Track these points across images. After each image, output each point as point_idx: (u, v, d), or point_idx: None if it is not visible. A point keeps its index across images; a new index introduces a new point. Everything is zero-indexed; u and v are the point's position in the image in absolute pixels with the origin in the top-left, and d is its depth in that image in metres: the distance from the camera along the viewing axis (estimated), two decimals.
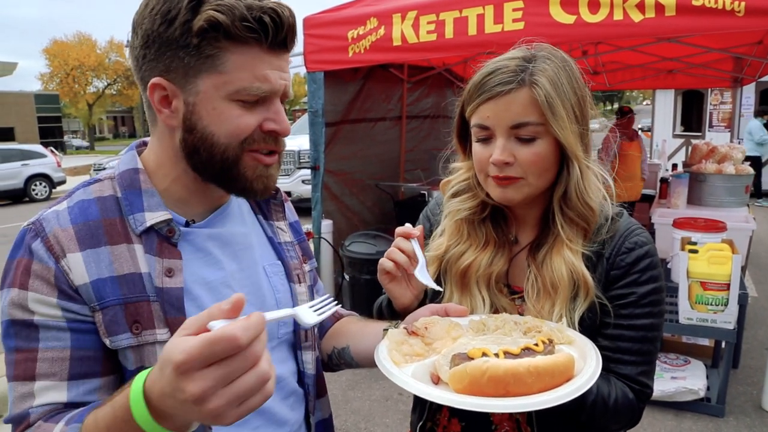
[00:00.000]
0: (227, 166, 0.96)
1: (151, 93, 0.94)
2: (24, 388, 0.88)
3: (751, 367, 4.22)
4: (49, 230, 0.93)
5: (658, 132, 15.11)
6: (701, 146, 5.87)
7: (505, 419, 1.23)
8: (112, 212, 0.97)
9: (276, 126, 0.97)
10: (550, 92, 1.09)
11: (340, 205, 5.63)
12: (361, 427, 3.65)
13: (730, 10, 2.86)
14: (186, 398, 0.65)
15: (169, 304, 0.94)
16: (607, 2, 3.13)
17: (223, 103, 0.93)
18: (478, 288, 1.23)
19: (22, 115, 33.64)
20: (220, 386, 0.65)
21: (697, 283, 3.60)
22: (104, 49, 48.56)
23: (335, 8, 4.25)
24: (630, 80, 8.28)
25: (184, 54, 0.90)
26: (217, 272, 1.03)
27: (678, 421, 3.61)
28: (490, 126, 1.13)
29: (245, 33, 0.89)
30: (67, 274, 0.90)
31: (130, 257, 0.94)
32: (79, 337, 0.91)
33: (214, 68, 0.91)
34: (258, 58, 0.92)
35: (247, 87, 0.92)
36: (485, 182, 1.20)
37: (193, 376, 0.64)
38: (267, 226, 1.18)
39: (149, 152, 1.04)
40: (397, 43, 3.84)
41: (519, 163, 1.13)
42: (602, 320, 1.15)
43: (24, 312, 0.90)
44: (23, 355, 0.89)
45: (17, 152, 17.35)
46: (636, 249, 1.16)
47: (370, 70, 5.55)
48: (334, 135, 5.30)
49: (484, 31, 3.48)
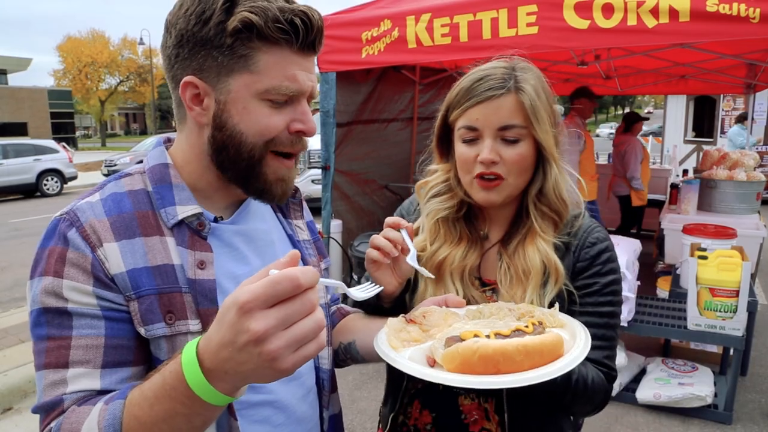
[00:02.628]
0: (251, 164, 0.99)
1: (183, 91, 0.97)
2: (56, 375, 0.88)
3: (759, 375, 4.20)
4: (84, 220, 0.94)
5: (669, 137, 15.04)
6: (712, 152, 5.85)
7: (474, 408, 1.28)
8: (144, 205, 0.99)
9: (303, 126, 1.00)
10: (534, 98, 1.21)
11: (351, 206, 5.66)
12: (368, 427, 3.67)
13: (745, 16, 2.85)
14: (248, 339, 0.67)
15: (201, 296, 0.96)
16: (621, 7, 3.13)
17: (253, 102, 0.96)
18: (452, 280, 1.31)
19: (36, 111, 33.95)
20: (281, 327, 0.67)
21: (706, 289, 3.59)
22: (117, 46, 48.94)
23: (349, 9, 4.27)
24: (642, 85, 8.26)
25: (217, 53, 0.93)
26: (244, 267, 1.05)
27: (685, 427, 3.61)
28: (479, 127, 1.23)
29: (277, 34, 0.92)
30: (104, 263, 0.92)
31: (163, 249, 0.96)
32: (113, 326, 0.91)
33: (246, 68, 0.94)
34: (288, 59, 0.95)
35: (277, 86, 0.95)
36: (469, 183, 1.29)
37: (256, 315, 0.66)
38: (286, 224, 1.21)
39: (176, 149, 1.07)
40: (411, 45, 3.86)
41: (504, 162, 1.23)
42: (569, 308, 1.23)
43: (58, 300, 0.90)
44: (56, 343, 0.89)
45: (30, 147, 17.53)
46: (598, 243, 1.28)
47: (382, 72, 5.57)
48: (345, 135, 5.33)
49: (498, 35, 3.49)
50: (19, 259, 8.74)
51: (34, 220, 12.69)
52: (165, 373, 0.76)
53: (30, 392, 4.26)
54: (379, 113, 5.89)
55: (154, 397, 0.77)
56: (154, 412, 0.77)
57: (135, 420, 0.78)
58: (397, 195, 6.23)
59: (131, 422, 0.79)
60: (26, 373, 4.51)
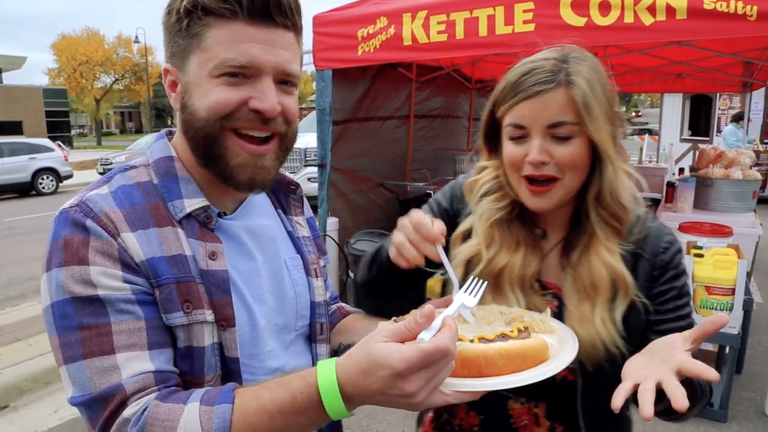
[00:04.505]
0: (208, 142, 0.97)
1: (164, 79, 1.00)
2: (103, 362, 0.86)
3: (755, 373, 4.21)
4: (98, 210, 0.92)
5: (666, 136, 15.06)
6: (709, 151, 5.85)
7: (524, 413, 1.25)
8: (153, 197, 0.99)
9: (260, 104, 0.95)
10: (586, 92, 1.10)
11: (347, 203, 5.65)
12: (364, 425, 3.67)
13: (742, 14, 2.85)
14: (400, 394, 0.78)
15: (214, 286, 0.97)
16: (618, 4, 3.13)
17: (207, 80, 0.95)
18: (512, 289, 1.22)
19: (31, 109, 33.78)
20: (426, 385, 0.79)
21: (702, 287, 3.59)
22: (112, 44, 48.68)
23: (345, 6, 4.26)
24: (639, 83, 8.26)
25: (178, 37, 0.96)
26: (249, 262, 1.06)
27: (680, 425, 3.61)
28: (526, 125, 1.13)
29: (219, 5, 0.92)
30: (127, 249, 0.91)
31: (176, 239, 0.96)
32: (147, 309, 0.91)
33: (199, 46, 0.94)
34: (239, 32, 0.93)
35: (224, 60, 0.93)
36: (518, 183, 1.19)
37: (410, 379, 0.77)
38: (287, 220, 1.20)
39: (176, 139, 1.07)
40: (407, 43, 3.85)
41: (555, 162, 1.13)
42: (647, 318, 1.17)
43: (87, 287, 0.87)
44: (92, 332, 0.87)
45: (25, 146, 17.44)
46: (671, 247, 1.20)
47: (378, 69, 5.56)
48: (341, 133, 5.32)
49: (495, 32, 3.48)
50: (14, 257, 8.71)
51: (30, 218, 12.63)
52: (294, 392, 0.82)
53: (26, 390, 4.24)
54: (376, 111, 5.87)
55: (277, 411, 0.82)
56: (273, 423, 0.83)
57: (249, 427, 0.82)
58: (393, 193, 6.22)
59: (243, 427, 0.82)
60: (22, 371, 4.50)
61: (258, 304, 1.05)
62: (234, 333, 0.98)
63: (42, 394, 4.21)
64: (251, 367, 1.02)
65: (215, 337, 0.96)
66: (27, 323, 5.65)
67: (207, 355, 0.95)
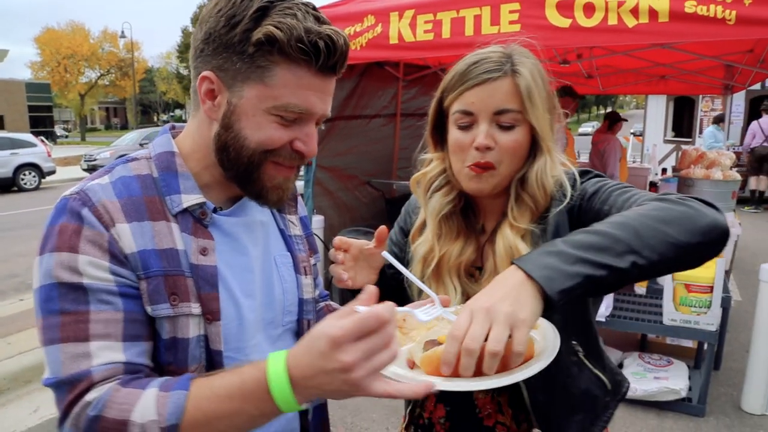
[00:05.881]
0: (250, 169, 1.01)
1: (200, 84, 1.00)
2: (77, 348, 0.89)
3: (732, 369, 4.29)
4: (96, 200, 0.95)
5: (650, 137, 15.25)
6: (691, 152, 5.97)
7: (487, 402, 1.29)
8: (151, 190, 1.01)
9: (304, 148, 1.02)
10: (530, 82, 1.17)
11: (333, 201, 5.66)
12: (348, 422, 3.69)
13: (722, 18, 2.90)
14: (337, 367, 0.76)
15: (203, 280, 0.99)
16: (602, 7, 3.17)
17: (263, 114, 0.98)
18: (450, 278, 1.28)
19: (13, 103, 33.31)
20: (364, 359, 0.77)
21: (682, 285, 3.67)
22: (98, 39, 48.19)
23: (332, 5, 4.26)
24: (623, 84, 8.37)
25: (237, 59, 0.95)
26: (241, 257, 1.08)
27: (660, 420, 3.68)
28: (474, 111, 1.20)
29: (298, 54, 0.94)
30: (118, 241, 0.94)
31: (169, 233, 0.99)
32: (128, 302, 0.93)
33: (262, 79, 0.95)
34: (305, 79, 0.97)
35: (286, 104, 0.97)
36: (459, 171, 1.24)
37: (346, 348, 0.76)
38: (279, 218, 1.23)
39: (185, 137, 1.09)
40: (394, 42, 3.86)
41: (498, 148, 1.19)
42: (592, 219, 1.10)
43: (72, 274, 0.91)
44: (71, 317, 0.90)
45: (7, 141, 17.15)
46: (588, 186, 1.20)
47: (365, 68, 5.57)
48: (328, 131, 5.32)
49: (481, 32, 3.51)
50: None
51: (10, 215, 12.46)
52: (244, 376, 0.83)
53: (5, 389, 4.21)
54: (362, 109, 5.89)
55: (226, 396, 0.84)
56: (222, 408, 0.84)
57: (199, 412, 0.84)
58: (379, 191, 6.25)
59: (196, 413, 0.84)
60: (1, 370, 4.47)
61: (247, 298, 1.07)
62: (219, 326, 1.01)
63: (21, 393, 4.17)
64: (235, 360, 1.04)
65: (201, 330, 0.99)
66: (7, 321, 5.60)
67: (191, 346, 0.98)
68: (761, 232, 9.16)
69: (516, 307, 0.86)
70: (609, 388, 1.28)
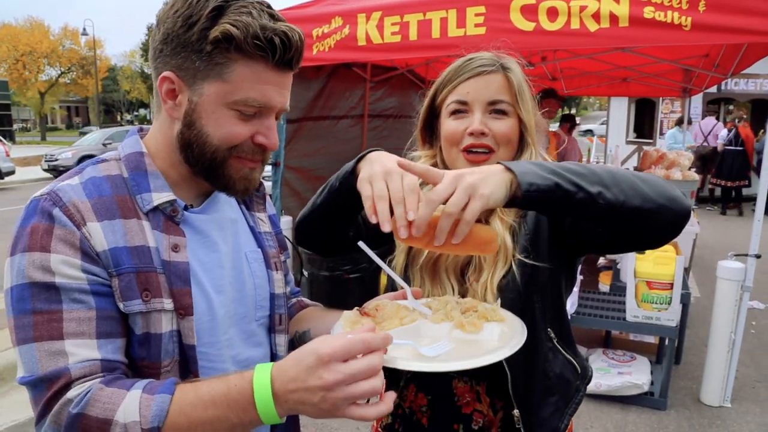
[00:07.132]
0: (214, 165, 1.04)
1: (161, 84, 1.01)
2: (52, 347, 0.89)
3: (692, 363, 4.44)
4: (67, 200, 0.96)
5: (612, 138, 15.58)
6: (651, 152, 6.14)
7: (467, 391, 1.32)
8: (121, 190, 1.03)
9: (265, 141, 1.05)
10: (521, 80, 1.28)
11: (301, 202, 5.63)
12: (318, 423, 3.68)
13: (678, 24, 3.01)
14: (318, 384, 0.81)
15: (175, 276, 1.01)
16: (564, 11, 3.25)
17: (222, 109, 1.00)
18: (447, 276, 1.31)
19: None
20: (345, 383, 0.81)
21: (644, 282, 3.77)
22: (58, 36, 46.80)
23: (300, 6, 4.25)
24: (586, 86, 8.55)
25: (196, 57, 0.98)
26: (212, 254, 1.10)
27: (624, 414, 3.78)
28: (468, 101, 1.27)
29: (254, 50, 0.96)
30: (89, 239, 0.94)
31: (140, 231, 1.00)
32: (101, 299, 0.94)
33: (221, 76, 0.98)
34: (262, 74, 0.99)
35: (246, 99, 0.99)
36: (455, 158, 1.29)
37: (330, 367, 0.81)
38: (249, 216, 1.25)
39: (151, 137, 1.11)
40: (361, 43, 3.87)
41: (492, 134, 1.26)
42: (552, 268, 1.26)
43: (45, 274, 0.91)
44: (44, 317, 0.91)
45: None
46: None
47: (333, 69, 5.56)
48: (295, 132, 5.30)
49: (447, 35, 3.55)
50: None
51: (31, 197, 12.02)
52: (230, 384, 0.86)
53: None
54: (330, 110, 5.88)
55: (210, 402, 0.86)
56: (206, 414, 0.86)
57: (183, 416, 0.86)
58: None
59: (178, 418, 0.86)
60: None
61: (218, 294, 1.09)
62: (191, 321, 1.02)
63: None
64: (209, 354, 1.06)
65: (174, 325, 1.00)
66: None
67: (164, 341, 0.99)
68: (719, 230, 9.49)
69: (481, 183, 0.96)
70: (579, 372, 1.35)
